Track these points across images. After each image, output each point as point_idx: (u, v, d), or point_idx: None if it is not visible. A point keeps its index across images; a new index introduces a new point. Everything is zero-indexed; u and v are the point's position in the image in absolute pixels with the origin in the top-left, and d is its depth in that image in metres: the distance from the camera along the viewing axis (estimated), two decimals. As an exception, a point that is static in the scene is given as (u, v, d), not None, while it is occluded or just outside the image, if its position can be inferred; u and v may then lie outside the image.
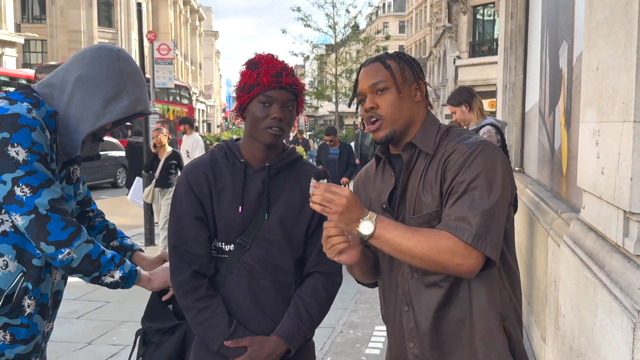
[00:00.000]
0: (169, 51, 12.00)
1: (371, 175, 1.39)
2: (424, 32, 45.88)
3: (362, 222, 1.15)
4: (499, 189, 1.16)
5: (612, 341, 1.31)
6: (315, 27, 20.55)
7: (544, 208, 2.90)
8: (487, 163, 1.17)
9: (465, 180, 1.16)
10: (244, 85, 1.42)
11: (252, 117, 1.41)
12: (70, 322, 4.05)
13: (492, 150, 1.19)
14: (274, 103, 1.40)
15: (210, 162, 1.48)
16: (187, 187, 1.45)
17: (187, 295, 1.43)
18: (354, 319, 4.04)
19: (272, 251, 1.45)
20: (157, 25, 36.03)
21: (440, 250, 1.12)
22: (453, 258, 1.12)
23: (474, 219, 1.12)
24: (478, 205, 1.14)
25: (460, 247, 1.12)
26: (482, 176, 1.15)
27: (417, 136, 1.26)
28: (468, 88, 3.62)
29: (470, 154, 1.18)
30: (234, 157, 1.47)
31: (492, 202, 1.14)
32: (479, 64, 19.13)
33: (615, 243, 1.44)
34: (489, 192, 1.15)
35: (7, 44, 22.49)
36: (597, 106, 1.58)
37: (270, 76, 1.39)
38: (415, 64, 1.31)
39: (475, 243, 1.12)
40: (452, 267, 1.14)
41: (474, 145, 1.19)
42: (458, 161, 1.18)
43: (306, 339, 1.48)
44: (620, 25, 1.37)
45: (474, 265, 1.13)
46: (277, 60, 1.43)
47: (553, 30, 3.28)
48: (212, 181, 1.45)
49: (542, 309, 2.72)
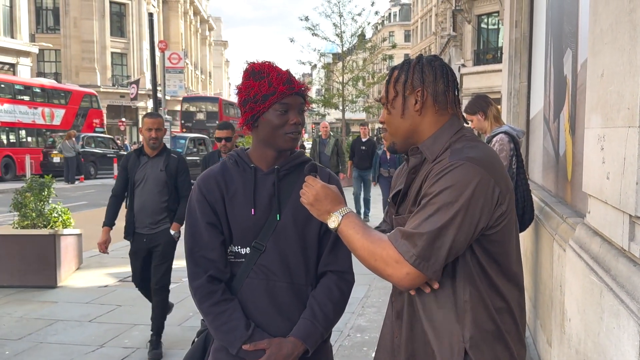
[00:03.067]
0: (180, 60, 12.17)
1: (404, 172, 1.41)
2: (429, 41, 46.00)
3: (332, 215, 1.26)
4: (456, 210, 1.11)
5: (618, 344, 1.31)
6: (323, 36, 20.68)
7: (549, 213, 2.91)
8: (456, 181, 1.12)
9: (429, 194, 1.15)
10: (255, 96, 1.44)
11: (269, 125, 1.45)
12: (83, 325, 4.09)
13: (470, 170, 1.13)
14: (290, 109, 1.44)
15: (221, 170, 1.52)
16: (199, 195, 1.49)
17: (204, 300, 1.45)
18: (361, 322, 4.04)
19: (287, 252, 1.47)
20: (168, 35, 36.49)
21: (376, 257, 1.17)
22: (385, 268, 1.16)
23: (419, 239, 1.12)
24: (429, 224, 1.12)
25: (392, 260, 1.15)
26: (445, 193, 1.12)
27: (426, 142, 1.26)
28: (484, 96, 3.57)
29: (445, 169, 1.15)
30: (243, 164, 1.52)
31: (443, 222, 1.11)
32: (483, 71, 19.19)
33: (621, 247, 1.44)
34: (445, 211, 1.11)
35: (22, 54, 22.92)
36: (603, 112, 1.59)
37: (283, 84, 1.42)
38: (417, 70, 1.26)
39: (417, 264, 1.12)
40: (385, 276, 1.18)
41: (455, 160, 1.15)
42: (434, 174, 1.17)
43: (323, 339, 1.50)
44: (625, 32, 1.39)
45: (403, 279, 1.14)
46: (279, 68, 1.47)
47: (557, 38, 3.30)
48: (224, 187, 1.49)
49: (547, 313, 2.71)
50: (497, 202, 1.16)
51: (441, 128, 1.26)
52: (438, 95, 1.26)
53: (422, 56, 1.31)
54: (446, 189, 1.13)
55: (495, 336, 1.21)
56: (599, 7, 1.64)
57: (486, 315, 1.20)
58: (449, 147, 1.22)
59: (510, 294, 1.23)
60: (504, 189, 1.17)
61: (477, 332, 1.19)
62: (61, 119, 20.68)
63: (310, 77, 34.71)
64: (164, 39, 18.91)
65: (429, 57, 1.31)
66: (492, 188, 1.14)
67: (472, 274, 1.19)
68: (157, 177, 3.57)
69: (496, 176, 1.16)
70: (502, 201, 1.17)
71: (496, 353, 1.21)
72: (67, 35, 30.38)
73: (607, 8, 1.56)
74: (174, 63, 12.16)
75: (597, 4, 1.67)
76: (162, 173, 3.57)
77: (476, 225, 1.14)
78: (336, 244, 1.51)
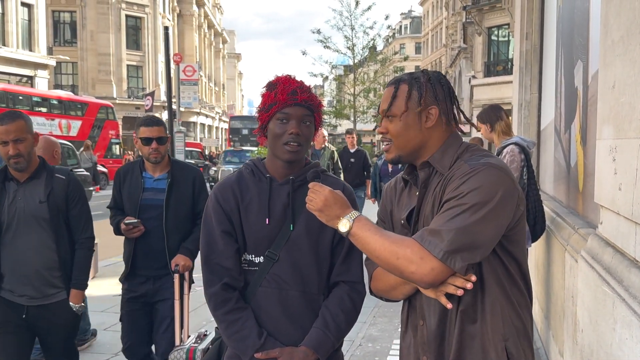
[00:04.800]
0: (194, 72, 12.38)
1: (399, 190, 1.42)
2: (439, 53, 46.10)
3: (342, 220, 1.25)
4: (487, 210, 1.13)
5: (631, 355, 1.31)
6: (335, 49, 20.87)
7: (560, 224, 2.89)
8: (483, 183, 1.15)
9: (456, 196, 1.17)
10: (264, 105, 1.49)
11: (272, 134, 1.48)
12: (99, 333, 4.15)
13: (495, 173, 1.17)
14: (290, 119, 1.46)
15: (238, 180, 1.55)
16: (215, 203, 1.52)
17: (218, 307, 1.47)
18: (373, 332, 4.03)
19: (300, 262, 1.49)
20: (182, 48, 37.07)
21: (399, 255, 1.16)
22: (409, 265, 1.15)
23: (447, 234, 1.13)
24: (456, 221, 1.13)
25: (417, 256, 1.14)
26: (473, 193, 1.14)
27: (435, 156, 1.29)
28: (497, 109, 3.51)
29: (468, 173, 1.18)
30: (259, 173, 1.54)
31: (472, 221, 1.12)
32: (493, 83, 19.14)
33: (633, 258, 1.44)
34: (473, 210, 1.13)
35: (40, 66, 23.46)
36: (614, 123, 1.59)
37: (286, 94, 1.45)
38: (429, 88, 1.28)
39: (445, 259, 1.13)
40: (407, 274, 1.17)
41: (476, 165, 1.19)
42: (456, 179, 1.19)
43: (334, 349, 1.51)
44: (637, 43, 1.40)
45: (427, 275, 1.14)
46: (294, 80, 1.50)
47: (568, 50, 3.31)
48: (239, 196, 1.51)
49: (559, 324, 2.69)
50: (517, 203, 1.21)
51: (446, 142, 1.30)
52: (448, 112, 1.30)
53: (428, 72, 1.33)
54: (474, 190, 1.15)
55: (523, 333, 1.26)
56: (610, 18, 1.65)
57: (514, 312, 1.24)
58: (458, 158, 1.26)
59: (526, 291, 1.29)
60: (520, 191, 1.24)
61: (513, 330, 1.23)
62: (78, 130, 21.04)
63: (322, 89, 34.98)
64: (178, 52, 19.25)
65: (435, 73, 1.33)
66: (514, 190, 1.20)
67: (498, 273, 1.23)
68: (34, 212, 2.24)
69: (514, 180, 1.22)
70: (520, 202, 1.22)
71: (524, 348, 1.25)
72: (84, 48, 31.03)
73: (618, 20, 1.57)
74: (189, 75, 12.37)
75: (608, 16, 1.69)
76: (43, 206, 2.25)
77: (502, 224, 1.17)
78: (349, 254, 1.52)
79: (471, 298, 1.22)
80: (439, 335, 1.26)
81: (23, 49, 22.51)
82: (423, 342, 1.30)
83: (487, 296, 1.22)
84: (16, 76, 22.46)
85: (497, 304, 1.22)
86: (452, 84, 1.37)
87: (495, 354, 1.21)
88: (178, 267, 2.60)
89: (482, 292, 1.22)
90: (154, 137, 2.60)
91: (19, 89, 19.92)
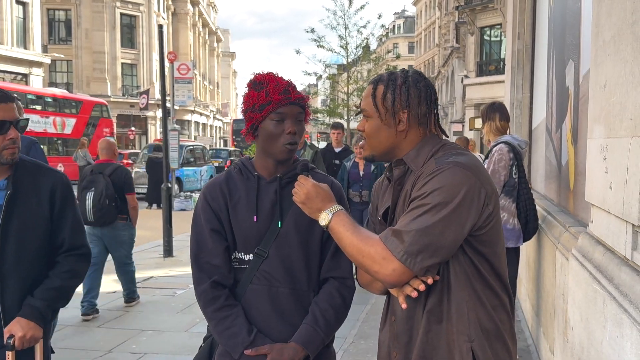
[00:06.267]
0: (188, 71, 12.34)
1: (384, 187, 1.43)
2: (432, 53, 46.28)
3: (323, 213, 1.29)
4: (448, 210, 1.14)
5: (621, 353, 1.32)
6: (328, 48, 20.87)
7: (551, 222, 2.92)
8: (446, 183, 1.15)
9: (419, 196, 1.18)
10: (254, 105, 1.47)
11: (267, 134, 1.47)
12: (91, 330, 4.12)
13: (458, 172, 1.17)
14: (286, 119, 1.46)
15: (226, 179, 1.55)
16: (204, 202, 1.52)
17: (208, 305, 1.47)
18: (366, 329, 4.04)
19: (289, 258, 1.49)
20: (177, 47, 36.90)
21: (364, 254, 1.20)
22: (372, 264, 1.18)
23: (407, 235, 1.14)
24: (417, 222, 1.14)
25: (379, 257, 1.17)
26: (434, 194, 1.15)
27: (410, 153, 1.29)
28: (494, 106, 3.45)
29: (433, 172, 1.18)
30: (247, 172, 1.55)
31: (433, 222, 1.13)
32: (486, 82, 19.24)
33: (623, 256, 1.45)
34: (435, 211, 1.14)
35: (35, 64, 23.27)
36: (605, 122, 1.60)
37: (279, 93, 1.45)
38: (403, 91, 1.27)
39: (404, 260, 1.14)
40: (372, 273, 1.20)
41: (443, 164, 1.19)
42: (422, 178, 1.20)
43: (325, 345, 1.51)
44: (627, 43, 1.41)
45: (389, 276, 1.16)
46: (281, 78, 1.50)
47: (559, 50, 3.33)
48: (228, 195, 1.52)
49: (550, 322, 2.71)
50: (484, 203, 1.19)
51: (422, 140, 1.30)
52: (421, 117, 1.29)
53: (407, 73, 1.32)
54: (436, 190, 1.16)
55: (495, 334, 1.24)
56: (602, 19, 1.66)
57: (485, 314, 1.23)
58: (432, 156, 1.26)
59: (502, 292, 1.27)
60: (489, 190, 1.21)
61: (480, 331, 1.22)
62: (72, 128, 20.90)
63: (315, 88, 34.99)
64: (173, 50, 19.12)
65: (415, 76, 1.31)
66: (479, 190, 1.18)
67: (468, 274, 1.22)
68: None
69: (481, 179, 1.20)
70: (489, 202, 1.20)
71: (497, 351, 1.24)
72: (79, 46, 30.83)
73: (609, 20, 1.58)
74: (183, 74, 12.33)
75: (599, 16, 1.70)
76: None
77: (464, 225, 1.16)
78: (338, 250, 1.51)
79: (438, 298, 1.22)
80: (407, 332, 1.28)
81: (18, 47, 22.32)
82: (394, 338, 1.32)
83: (453, 297, 1.21)
84: (11, 74, 22.28)
85: (464, 305, 1.21)
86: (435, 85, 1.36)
87: (459, 355, 1.20)
88: (11, 341, 1.62)
89: (448, 292, 1.22)
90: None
91: (13, 86, 19.73)
